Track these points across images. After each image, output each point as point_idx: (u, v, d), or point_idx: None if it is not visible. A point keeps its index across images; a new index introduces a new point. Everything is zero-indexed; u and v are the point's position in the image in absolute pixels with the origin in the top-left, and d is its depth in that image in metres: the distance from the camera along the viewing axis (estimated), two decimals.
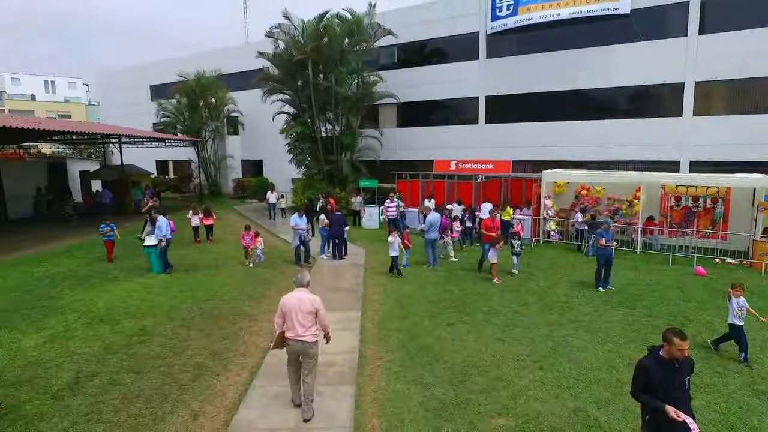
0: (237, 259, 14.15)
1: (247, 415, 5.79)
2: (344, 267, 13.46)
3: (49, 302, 10.21)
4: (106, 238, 13.74)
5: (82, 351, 7.59)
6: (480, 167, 18.14)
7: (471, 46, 22.18)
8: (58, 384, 6.48)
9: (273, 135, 29.10)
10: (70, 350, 7.63)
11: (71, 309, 9.71)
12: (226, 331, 8.51)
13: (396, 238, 12.06)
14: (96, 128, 22.35)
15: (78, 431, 5.36)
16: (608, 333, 8.15)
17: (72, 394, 6.22)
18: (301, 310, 5.63)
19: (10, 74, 61.41)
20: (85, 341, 7.98)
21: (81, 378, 6.67)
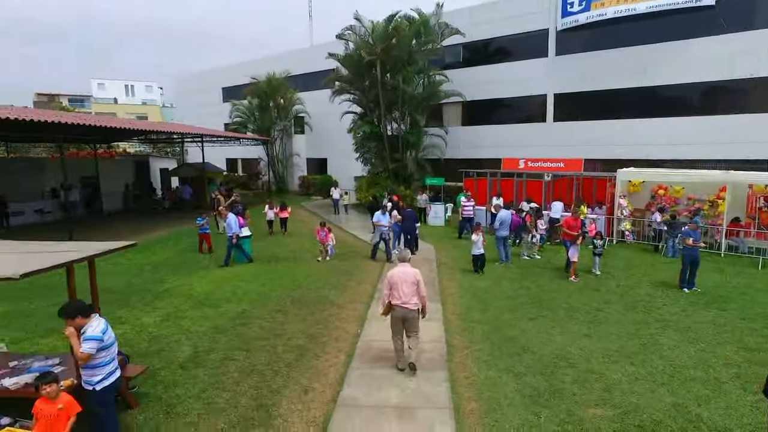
0: (312, 253, 14.83)
1: (351, 393, 6.28)
2: (417, 262, 13.72)
3: (154, 286, 11.30)
4: (202, 231, 14.84)
5: (194, 329, 8.42)
6: (550, 166, 17.92)
7: (539, 43, 21.90)
8: (181, 357, 7.27)
9: (337, 134, 30.04)
10: (183, 328, 8.48)
11: (176, 293, 10.71)
12: (317, 317, 9.12)
13: (480, 237, 12.03)
14: (183, 129, 24.13)
15: (209, 396, 6.06)
16: (699, 333, 8.02)
17: (195, 366, 6.98)
18: (406, 282, 6.65)
19: (97, 80, 66.82)
20: (195, 321, 8.84)
21: (199, 353, 7.44)
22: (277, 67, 31.50)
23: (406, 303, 6.61)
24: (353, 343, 7.90)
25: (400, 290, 6.63)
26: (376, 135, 23.07)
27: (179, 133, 23.35)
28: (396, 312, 6.69)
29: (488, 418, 5.51)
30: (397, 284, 6.68)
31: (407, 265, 6.94)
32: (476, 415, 5.63)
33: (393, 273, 6.83)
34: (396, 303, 6.65)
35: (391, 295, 6.71)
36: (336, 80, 23.85)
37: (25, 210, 20.70)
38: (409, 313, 6.64)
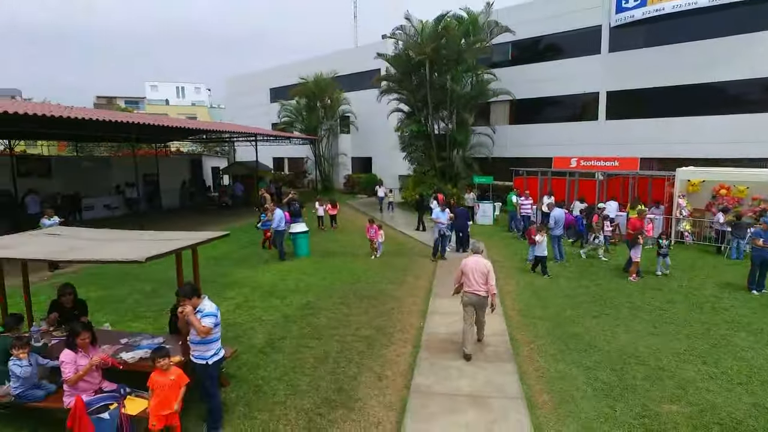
0: (363, 249, 15.17)
1: (423, 381, 6.54)
2: None
3: (222, 278, 11.92)
4: (264, 226, 15.48)
5: (266, 318, 8.91)
6: (604, 164, 17.60)
7: (592, 40, 21.48)
8: (258, 343, 7.74)
9: (382, 133, 30.43)
10: (255, 317, 8.98)
11: (243, 284, 11.28)
12: (379, 309, 9.44)
13: (544, 237, 11.84)
14: (239, 129, 25.08)
15: (290, 379, 6.46)
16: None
17: (273, 351, 7.42)
18: (478, 271, 7.28)
19: (150, 82, 70.09)
20: (265, 310, 9.34)
21: (274, 339, 7.89)
22: (323, 68, 32.12)
23: (476, 290, 7.22)
24: (418, 335, 8.16)
25: (472, 278, 7.24)
26: (424, 134, 23.26)
27: (235, 132, 24.31)
28: (467, 298, 7.31)
29: (562, 409, 5.64)
30: (469, 273, 7.29)
31: (479, 256, 7.55)
32: (549, 406, 5.77)
33: (467, 262, 7.43)
34: (467, 290, 7.30)
35: (464, 282, 7.35)
36: (384, 80, 24.19)
37: (95, 205, 22.08)
38: (480, 299, 7.25)
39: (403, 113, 24.68)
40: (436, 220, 13.73)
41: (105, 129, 17.07)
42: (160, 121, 17.74)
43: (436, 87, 22.02)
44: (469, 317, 7.35)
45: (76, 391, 4.83)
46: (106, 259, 4.59)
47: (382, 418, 5.59)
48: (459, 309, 9.21)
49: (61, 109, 15.11)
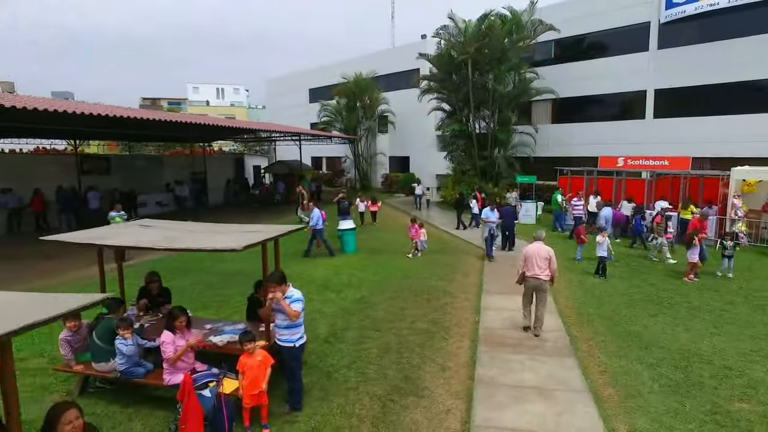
0: (408, 246, 15.26)
1: (486, 372, 6.72)
2: (515, 258, 13.91)
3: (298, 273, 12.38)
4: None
5: (325, 310, 9.27)
6: (653, 164, 17.28)
7: (639, 37, 21.08)
8: (322, 333, 8.09)
9: (420, 133, 30.64)
10: (315, 309, 9.34)
11: (298, 278, 11.58)
12: (433, 304, 9.66)
13: (606, 239, 11.60)
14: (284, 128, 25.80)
15: (359, 367, 6.77)
16: None
17: (336, 341, 7.76)
18: (539, 256, 7.85)
19: (192, 84, 72.46)
20: (323, 303, 9.70)
21: (336, 330, 8.22)
22: (360, 68, 32.48)
23: (538, 275, 7.80)
24: (474, 330, 8.34)
25: (534, 263, 7.83)
26: (465, 133, 23.33)
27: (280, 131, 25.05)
28: (529, 282, 7.90)
29: (630, 403, 5.73)
30: (531, 258, 7.88)
31: (541, 242, 8.13)
32: (615, 399, 5.86)
33: (529, 248, 8.06)
34: (529, 274, 7.86)
35: (525, 267, 7.91)
36: (425, 79, 24.38)
37: (148, 202, 23.13)
38: (541, 283, 7.81)
39: (444, 112, 24.80)
40: (486, 220, 13.82)
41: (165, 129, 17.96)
42: (217, 121, 18.58)
43: (478, 86, 22.07)
44: (528, 300, 8.00)
45: (175, 369, 5.27)
46: (207, 247, 4.99)
47: (451, 405, 5.82)
48: (512, 305, 9.47)
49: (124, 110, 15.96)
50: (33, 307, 3.13)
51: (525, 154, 23.72)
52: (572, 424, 5.37)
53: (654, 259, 13.27)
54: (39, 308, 3.09)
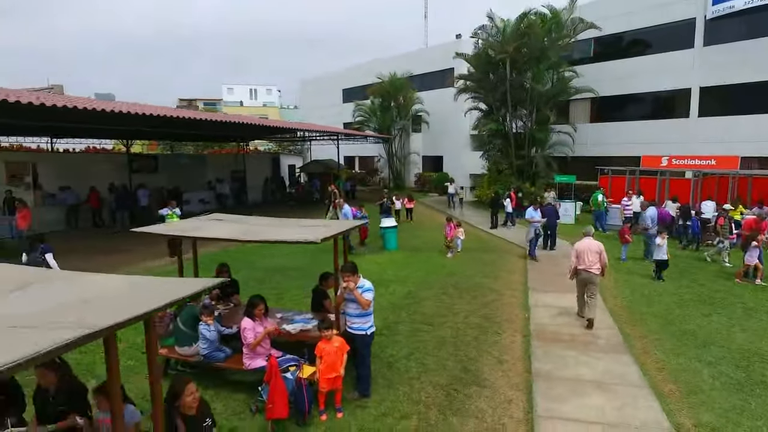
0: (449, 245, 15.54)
1: (543, 366, 6.87)
2: (557, 257, 14.01)
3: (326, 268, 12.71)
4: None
5: (375, 305, 9.53)
6: (698, 163, 16.94)
7: (684, 34, 20.64)
8: (377, 326, 8.25)
9: (453, 132, 30.70)
10: None
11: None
12: (480, 301, 9.83)
13: (665, 240, 11.20)
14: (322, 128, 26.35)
15: (417, 358, 7.02)
16: None
17: (391, 333, 8.02)
18: (591, 251, 8.31)
19: (226, 85, 74.31)
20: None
21: (389, 324, 8.50)
22: (393, 68, 32.74)
23: (589, 268, 8.24)
24: (525, 326, 8.48)
25: (586, 258, 8.27)
26: (501, 132, 23.30)
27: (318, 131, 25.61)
28: (581, 275, 8.38)
29: (693, 399, 5.80)
30: (583, 253, 8.34)
31: (590, 238, 8.59)
32: (677, 395, 5.93)
33: (580, 244, 8.51)
34: (581, 268, 8.33)
35: (577, 261, 8.38)
36: (461, 79, 24.44)
37: (191, 199, 23.95)
38: (592, 276, 8.23)
39: (480, 112, 24.82)
40: (531, 220, 13.83)
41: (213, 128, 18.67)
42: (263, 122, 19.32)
43: (515, 85, 22.01)
44: (581, 293, 8.50)
45: (255, 354, 5.64)
46: (287, 239, 5.34)
47: (512, 396, 6.01)
48: (560, 303, 9.61)
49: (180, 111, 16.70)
50: (161, 290, 3.50)
51: (563, 153, 23.51)
52: (635, 416, 5.49)
53: (708, 260, 12.97)
54: (169, 290, 3.46)
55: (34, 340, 2.40)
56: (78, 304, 3.13)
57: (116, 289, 3.58)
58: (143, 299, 3.21)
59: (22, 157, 18.48)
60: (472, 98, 24.92)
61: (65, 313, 2.95)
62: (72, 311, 2.98)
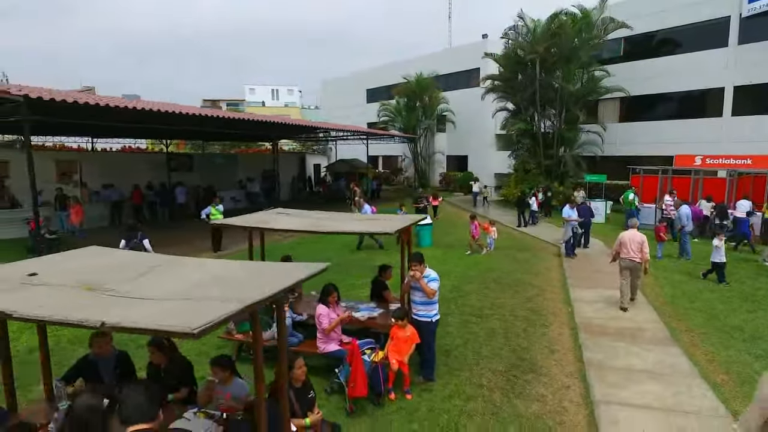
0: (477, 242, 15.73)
1: (594, 356, 7.13)
2: (592, 255, 14.19)
3: (365, 262, 13.15)
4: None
5: None
6: (734, 162, 16.88)
7: (717, 32, 20.53)
8: None
9: (478, 132, 30.88)
10: None
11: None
12: (524, 295, 10.11)
13: (722, 242, 10.87)
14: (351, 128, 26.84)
15: (473, 347, 7.35)
16: None
17: (444, 325, 8.19)
18: (634, 241, 9.02)
19: (248, 86, 75.52)
20: None
21: (441, 315, 8.74)
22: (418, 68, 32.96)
23: (632, 257, 9.00)
24: (570, 319, 8.74)
25: (629, 247, 9.03)
26: (530, 132, 23.44)
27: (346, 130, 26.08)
28: (624, 263, 9.09)
29: (747, 389, 5.99)
30: (626, 243, 9.08)
31: (635, 230, 9.26)
32: (731, 385, 6.15)
33: (624, 235, 9.28)
34: (624, 256, 9.09)
35: (621, 250, 9.14)
36: (489, 79, 24.63)
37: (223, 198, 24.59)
38: (635, 264, 9.00)
39: (508, 111, 24.98)
40: (569, 219, 13.96)
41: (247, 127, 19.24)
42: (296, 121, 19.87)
43: (544, 85, 22.13)
44: (625, 279, 9.13)
45: (328, 339, 6.03)
46: (362, 230, 5.73)
47: (569, 383, 6.30)
48: (603, 298, 9.87)
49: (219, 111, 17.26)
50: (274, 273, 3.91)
51: (592, 153, 23.54)
52: (691, 403, 5.73)
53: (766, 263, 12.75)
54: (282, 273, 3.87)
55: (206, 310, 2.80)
56: (213, 283, 3.55)
57: (234, 271, 4.00)
58: (265, 280, 3.61)
59: (70, 156, 19.30)
60: (499, 98, 25.09)
61: (209, 290, 3.36)
62: (213, 288, 3.40)
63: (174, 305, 3.03)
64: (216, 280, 3.63)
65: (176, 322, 2.62)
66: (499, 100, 25.25)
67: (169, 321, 2.67)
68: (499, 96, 25.05)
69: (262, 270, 4.09)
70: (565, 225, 14.11)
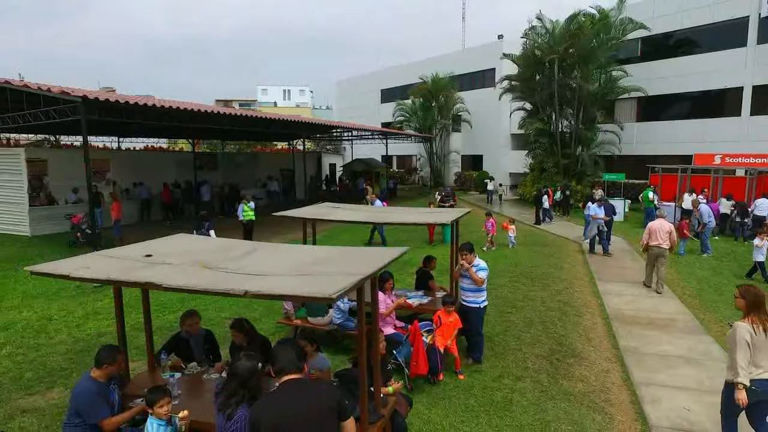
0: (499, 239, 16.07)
1: (629, 344, 7.49)
2: (614, 251, 14.49)
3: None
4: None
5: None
6: (754, 161, 17.12)
7: (736, 32, 20.74)
8: None
9: (494, 132, 31.23)
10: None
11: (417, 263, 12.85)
12: (553, 288, 10.48)
13: (765, 242, 10.66)
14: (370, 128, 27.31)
15: (514, 334, 7.75)
16: None
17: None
18: (662, 230, 9.99)
19: (261, 86, 76.35)
20: None
21: None
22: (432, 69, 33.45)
23: (660, 244, 9.92)
24: (602, 310, 9.12)
25: (658, 235, 9.97)
26: (548, 132, 23.75)
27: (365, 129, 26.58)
28: (653, 250, 10.01)
29: None
30: (655, 231, 10.04)
31: (663, 220, 10.23)
32: None
33: (653, 223, 10.28)
34: (653, 244, 9.99)
35: (650, 238, 10.07)
36: (507, 79, 24.97)
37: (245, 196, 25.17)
38: (662, 251, 9.92)
39: (525, 111, 25.31)
40: (595, 216, 14.20)
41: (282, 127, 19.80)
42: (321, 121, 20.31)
43: (562, 85, 22.43)
44: (651, 265, 10.18)
45: (384, 323, 6.46)
46: (420, 221, 6.15)
47: (608, 367, 6.68)
48: (629, 291, 10.26)
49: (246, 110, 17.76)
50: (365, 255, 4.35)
51: (609, 152, 23.81)
52: None
53: None
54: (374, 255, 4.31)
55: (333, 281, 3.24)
56: (318, 262, 3.99)
57: (328, 253, 4.44)
58: (362, 260, 4.05)
59: (103, 155, 19.90)
60: (517, 98, 25.43)
61: (319, 267, 3.80)
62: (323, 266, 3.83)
63: (294, 279, 3.47)
64: (319, 260, 4.08)
65: (310, 290, 3.07)
66: (517, 99, 25.58)
67: (304, 289, 3.11)
68: (516, 96, 25.39)
69: (351, 252, 4.52)
70: (590, 222, 14.40)
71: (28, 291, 10.21)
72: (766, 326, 4.18)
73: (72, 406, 3.79)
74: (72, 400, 3.82)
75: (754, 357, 4.16)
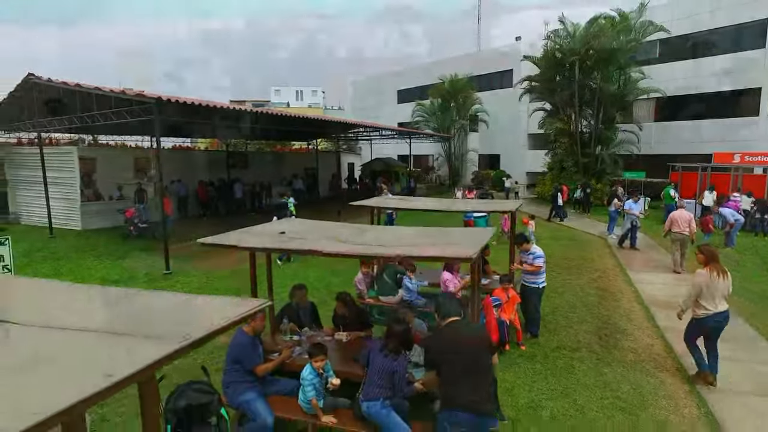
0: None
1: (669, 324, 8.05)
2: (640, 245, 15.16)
3: None
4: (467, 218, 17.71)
5: None
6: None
7: (753, 34, 21.30)
8: None
9: (511, 132, 31.90)
10: None
11: None
12: (587, 276, 11.21)
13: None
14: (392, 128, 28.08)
15: (561, 314, 8.49)
16: None
17: None
18: (683, 219, 11.32)
19: (274, 87, 77.39)
20: None
21: None
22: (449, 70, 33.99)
23: (682, 231, 11.22)
24: (637, 296, 9.82)
25: (680, 224, 11.22)
26: (568, 132, 24.40)
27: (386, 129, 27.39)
28: (675, 236, 11.32)
29: None
30: (677, 220, 11.32)
31: (683, 210, 11.67)
32: None
33: (675, 213, 11.66)
34: (675, 230, 11.27)
35: (672, 226, 11.33)
36: (527, 80, 25.62)
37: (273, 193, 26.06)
38: (684, 237, 11.24)
39: (545, 112, 25.96)
40: (629, 211, 14.72)
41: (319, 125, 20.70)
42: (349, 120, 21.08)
43: (583, 86, 23.05)
44: (676, 249, 11.44)
45: None
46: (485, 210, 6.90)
47: (651, 342, 7.41)
48: (662, 280, 10.99)
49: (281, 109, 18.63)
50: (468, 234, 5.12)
51: (628, 151, 24.40)
52: (762, 359, 6.82)
53: None
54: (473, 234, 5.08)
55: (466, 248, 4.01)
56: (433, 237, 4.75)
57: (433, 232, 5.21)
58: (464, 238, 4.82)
59: (146, 153, 20.79)
60: (536, 98, 26.10)
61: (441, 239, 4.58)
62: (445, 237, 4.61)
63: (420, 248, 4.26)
64: (431, 236, 4.84)
65: (453, 252, 3.85)
66: (536, 100, 26.24)
67: (447, 251, 3.90)
68: (536, 97, 26.05)
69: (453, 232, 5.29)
70: (624, 217, 15.06)
71: (106, 276, 11.10)
72: (719, 273, 5.97)
73: (230, 355, 4.60)
74: (230, 350, 4.62)
75: (713, 296, 5.98)
